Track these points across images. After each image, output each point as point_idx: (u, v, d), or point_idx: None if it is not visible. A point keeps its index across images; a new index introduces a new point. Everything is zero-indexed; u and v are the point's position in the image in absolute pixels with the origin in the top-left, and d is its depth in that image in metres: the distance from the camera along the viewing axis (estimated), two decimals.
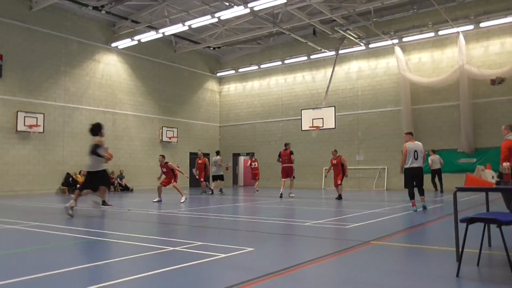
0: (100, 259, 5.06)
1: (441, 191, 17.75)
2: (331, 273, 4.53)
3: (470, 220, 4.12)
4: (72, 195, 10.39)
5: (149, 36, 21.35)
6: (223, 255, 5.08)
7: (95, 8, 20.03)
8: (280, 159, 16.33)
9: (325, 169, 21.44)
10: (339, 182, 14.48)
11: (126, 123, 23.33)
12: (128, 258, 5.10)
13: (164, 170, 14.54)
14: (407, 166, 10.42)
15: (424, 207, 10.53)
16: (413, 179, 10.48)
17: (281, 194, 15.66)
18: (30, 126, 18.85)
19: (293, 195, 15.98)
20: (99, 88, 22.16)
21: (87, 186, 9.96)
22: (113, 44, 22.42)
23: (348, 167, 15.98)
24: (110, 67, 22.75)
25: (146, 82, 24.58)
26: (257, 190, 18.57)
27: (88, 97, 21.62)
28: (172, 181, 14.23)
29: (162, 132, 24.99)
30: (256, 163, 18.91)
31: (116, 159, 22.45)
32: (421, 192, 10.68)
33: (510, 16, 18.70)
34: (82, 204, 11.31)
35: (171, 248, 5.58)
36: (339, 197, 14.43)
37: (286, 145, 16.64)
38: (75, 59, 21.13)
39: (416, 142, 10.62)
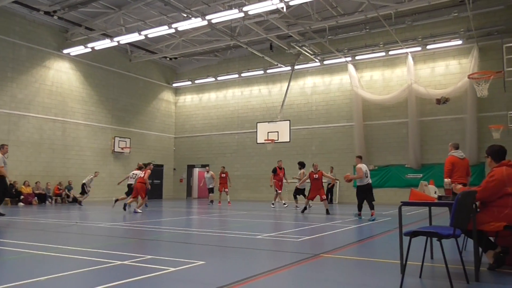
0: (41, 274, 4.81)
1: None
2: (281, 286, 4.55)
3: (413, 234, 4.29)
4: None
5: (104, 44, 20.88)
6: (173, 269, 5.00)
7: (46, 13, 19.39)
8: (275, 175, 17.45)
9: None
10: (324, 197, 14.36)
11: (76, 132, 22.55)
12: (71, 273, 4.90)
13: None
14: (363, 183, 11.85)
15: (373, 220, 11.46)
16: (365, 193, 11.92)
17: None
18: None
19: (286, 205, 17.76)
20: (49, 96, 21.33)
21: None
22: (65, 51, 21.73)
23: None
24: (61, 74, 21.98)
25: (99, 90, 23.93)
26: (229, 202, 19.46)
27: (37, 105, 20.75)
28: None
29: (114, 142, 24.34)
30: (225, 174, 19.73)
31: (65, 170, 21.66)
32: (371, 207, 11.90)
33: (454, 40, 19.90)
34: (25, 217, 10.77)
35: (119, 262, 5.41)
36: (328, 212, 14.01)
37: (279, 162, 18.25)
38: (23, 64, 20.26)
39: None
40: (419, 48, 20.75)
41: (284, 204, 17.79)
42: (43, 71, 21.15)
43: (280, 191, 17.43)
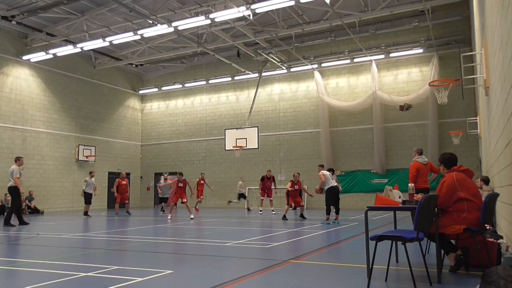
0: None
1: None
2: None
3: (378, 238, 4.38)
4: None
5: (66, 50, 20.37)
6: (140, 279, 4.90)
7: (4, 18, 18.74)
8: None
9: (255, 189, 21.96)
10: (302, 203, 15.04)
11: (37, 140, 21.82)
12: (34, 287, 4.71)
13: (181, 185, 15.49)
14: (330, 185, 12.70)
15: (337, 223, 12.38)
16: (332, 196, 12.72)
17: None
18: None
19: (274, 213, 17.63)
20: (7, 103, 20.56)
21: None
22: (25, 57, 21.05)
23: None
24: (20, 81, 21.25)
25: (62, 98, 23.28)
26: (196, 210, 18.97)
27: None
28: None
29: (78, 150, 23.69)
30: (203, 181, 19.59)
31: (25, 180, 20.81)
32: (337, 211, 12.75)
33: (415, 48, 20.58)
34: None
35: (83, 274, 5.25)
36: (302, 216, 14.71)
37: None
38: None
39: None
40: (382, 56, 21.34)
41: (273, 211, 17.74)
42: (1, 78, 20.39)
43: (262, 198, 17.79)
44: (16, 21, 19.07)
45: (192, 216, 15.34)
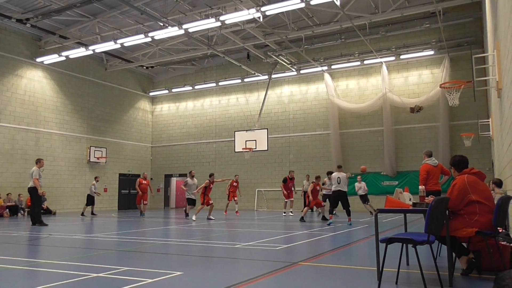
0: None
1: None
2: None
3: (389, 241, 4.36)
4: None
5: (78, 52, 20.60)
6: (150, 280, 4.93)
7: (19, 21, 19.01)
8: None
9: (264, 190, 21.87)
10: (323, 204, 15.11)
11: (50, 142, 22.07)
12: (45, 287, 4.77)
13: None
14: (336, 189, 12.91)
15: (350, 225, 12.46)
16: (337, 199, 12.94)
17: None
18: None
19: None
20: (21, 105, 20.85)
21: None
22: (39, 59, 21.33)
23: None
24: (34, 83, 21.54)
25: (74, 99, 23.53)
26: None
27: (8, 114, 20.24)
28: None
29: (90, 152, 23.92)
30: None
31: None
32: (348, 213, 12.86)
33: (426, 50, 20.43)
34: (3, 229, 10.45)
35: (94, 275, 5.31)
36: (324, 218, 14.59)
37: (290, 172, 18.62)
38: None
39: (342, 172, 13.30)
40: (393, 58, 21.22)
41: (291, 213, 18.07)
42: (15, 80, 20.68)
43: (286, 200, 18.06)
44: (30, 24, 19.35)
45: (211, 217, 15.65)
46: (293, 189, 18.15)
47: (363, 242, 8.85)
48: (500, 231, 5.71)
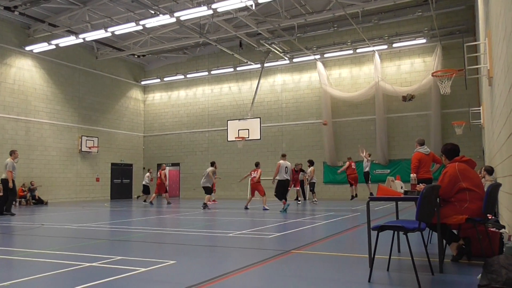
0: (6, 279, 4.66)
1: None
2: (253, 283, 4.57)
3: (380, 228, 4.39)
4: None
5: (68, 41, 20.33)
6: (143, 269, 4.94)
7: (6, 8, 18.69)
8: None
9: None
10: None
11: (41, 131, 21.88)
12: (38, 277, 4.76)
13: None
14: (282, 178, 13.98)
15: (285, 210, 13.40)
16: (286, 187, 14.25)
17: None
18: None
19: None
20: (11, 94, 20.59)
21: None
22: (28, 48, 21.03)
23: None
24: (23, 72, 21.26)
25: (64, 89, 23.29)
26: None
27: None
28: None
29: (81, 141, 23.75)
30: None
31: (29, 170, 20.99)
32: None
33: (418, 39, 20.44)
34: None
35: (87, 264, 5.31)
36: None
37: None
38: None
39: (287, 161, 14.46)
40: (385, 46, 21.22)
41: (299, 201, 18.50)
42: (4, 69, 20.40)
43: (297, 188, 18.63)
44: (18, 12, 19.03)
45: (266, 207, 14.77)
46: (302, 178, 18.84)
47: (355, 230, 8.93)
48: (490, 217, 5.79)
